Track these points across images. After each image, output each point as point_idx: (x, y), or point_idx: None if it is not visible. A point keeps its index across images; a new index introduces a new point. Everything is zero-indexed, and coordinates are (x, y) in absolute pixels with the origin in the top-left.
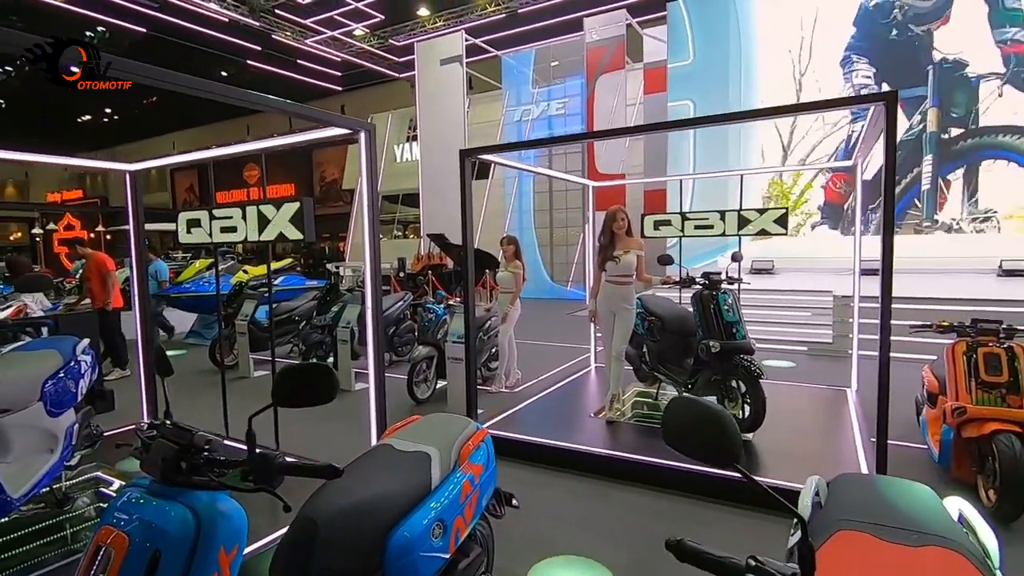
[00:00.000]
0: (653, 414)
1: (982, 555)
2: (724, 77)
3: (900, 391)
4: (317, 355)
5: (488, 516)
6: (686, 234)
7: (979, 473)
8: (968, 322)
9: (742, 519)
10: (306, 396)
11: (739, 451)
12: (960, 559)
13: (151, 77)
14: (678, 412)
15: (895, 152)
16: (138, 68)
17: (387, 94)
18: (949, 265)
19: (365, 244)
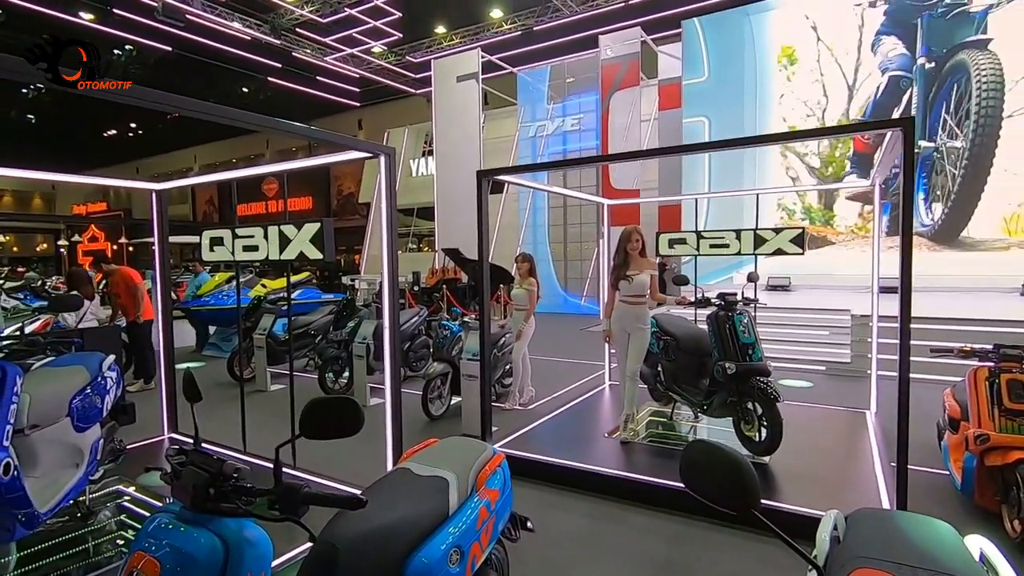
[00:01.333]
0: (668, 434)
1: None
2: (739, 94)
3: (922, 414)
4: (333, 370)
5: (504, 540)
6: (701, 253)
7: (1003, 503)
8: (991, 346)
9: (756, 545)
10: (332, 429)
11: (757, 498)
12: None
13: (176, 106)
14: (697, 456)
15: (914, 176)
16: (161, 97)
17: (404, 109)
18: (971, 283)
19: (384, 267)
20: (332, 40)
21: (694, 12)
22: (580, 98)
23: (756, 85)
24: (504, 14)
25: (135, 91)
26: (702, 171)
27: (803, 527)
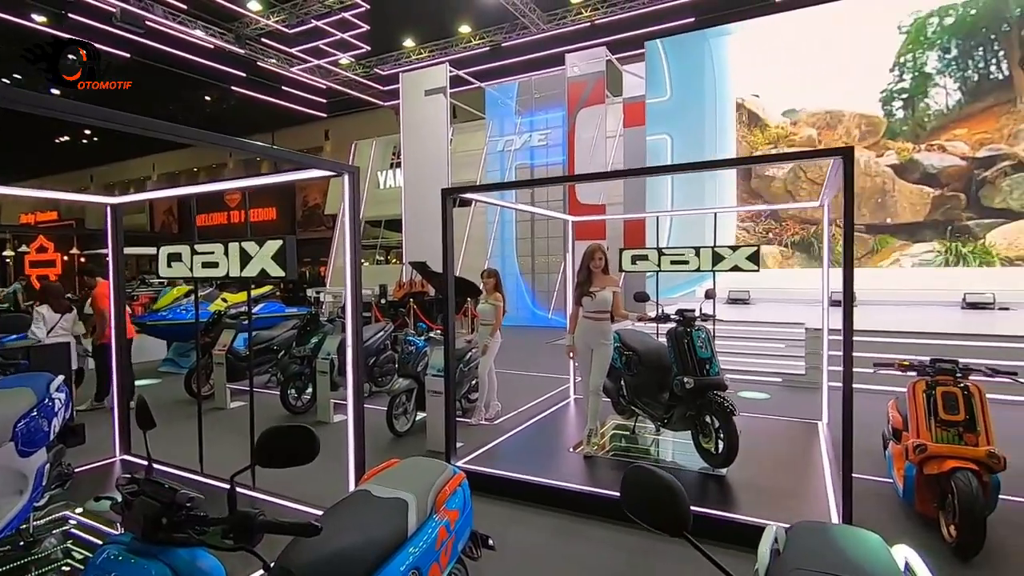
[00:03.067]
0: (631, 448)
1: None
2: (700, 114)
3: (870, 424)
4: (296, 386)
5: (464, 559)
6: (662, 269)
7: (940, 509)
8: (928, 361)
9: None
10: (287, 457)
11: (688, 520)
12: None
13: (123, 124)
14: (635, 480)
15: (853, 201)
16: (108, 115)
17: (371, 121)
18: (918, 297)
19: (346, 286)
20: (298, 51)
21: (657, 34)
22: (547, 114)
23: (715, 106)
24: (472, 30)
25: (72, 107)
26: (665, 188)
27: (755, 537)
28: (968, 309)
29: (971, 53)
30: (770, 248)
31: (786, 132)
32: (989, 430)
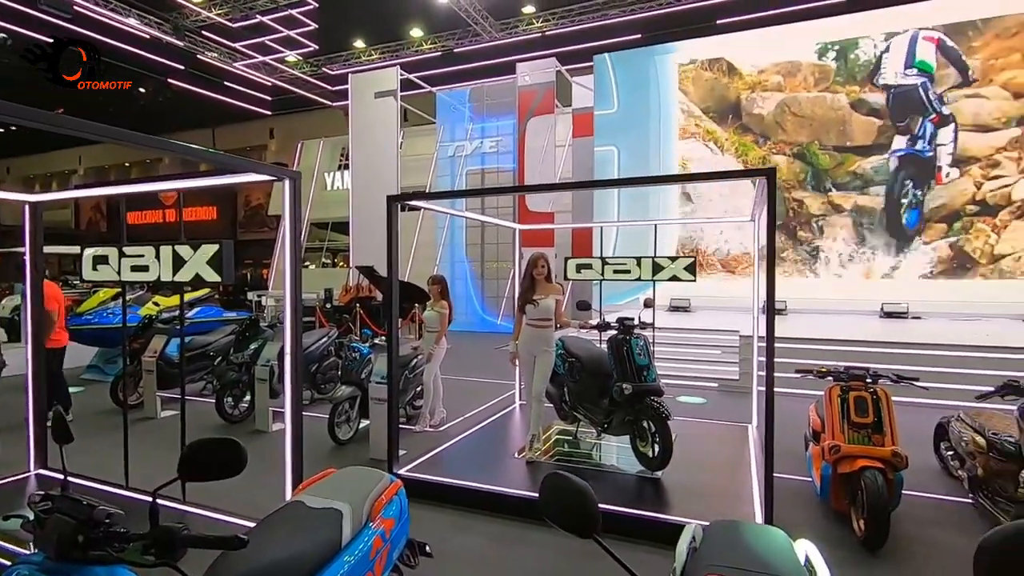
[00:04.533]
0: (573, 453)
1: None
2: (645, 127)
3: (795, 426)
4: (233, 394)
5: (401, 567)
6: (605, 278)
7: (852, 505)
8: (843, 367)
9: (655, 557)
10: (214, 470)
11: (596, 523)
12: None
13: (33, 120)
14: (550, 487)
15: (775, 218)
16: (17, 111)
17: (319, 120)
18: (841, 307)
19: (286, 294)
20: (242, 46)
21: (605, 48)
22: (498, 121)
23: (660, 121)
24: (424, 34)
25: None
26: (612, 198)
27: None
28: (885, 318)
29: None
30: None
31: (759, 79)
32: (894, 431)
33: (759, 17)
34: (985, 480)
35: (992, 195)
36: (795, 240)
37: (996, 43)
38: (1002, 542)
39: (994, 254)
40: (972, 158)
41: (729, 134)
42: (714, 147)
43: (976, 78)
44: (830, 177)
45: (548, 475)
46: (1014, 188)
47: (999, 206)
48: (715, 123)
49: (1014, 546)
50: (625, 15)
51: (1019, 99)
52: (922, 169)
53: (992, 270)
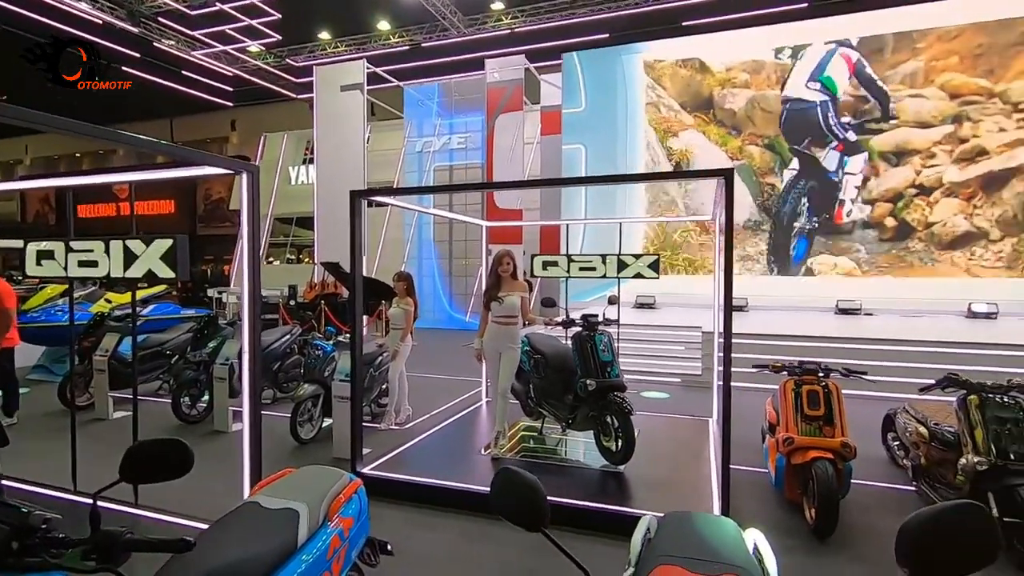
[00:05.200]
0: (538, 449)
1: None
2: (612, 126)
3: (753, 420)
4: (190, 393)
5: (362, 567)
6: (571, 275)
7: (804, 495)
8: (797, 362)
9: (614, 549)
10: (158, 472)
11: (545, 517)
12: None
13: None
14: (501, 482)
15: (732, 217)
16: None
17: (284, 113)
18: (799, 303)
19: (244, 288)
20: (201, 34)
21: (573, 47)
22: (467, 117)
23: (626, 120)
24: (392, 27)
25: None
26: (580, 195)
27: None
28: (840, 314)
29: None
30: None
31: (728, 77)
32: (844, 423)
33: (723, 20)
34: (927, 469)
35: (928, 179)
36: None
37: (938, 45)
38: (921, 524)
39: (928, 222)
40: (914, 151)
41: (710, 128)
42: (706, 139)
43: (895, 115)
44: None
45: (499, 470)
46: (944, 173)
47: (932, 187)
48: (690, 116)
49: (932, 528)
50: (593, 14)
51: (954, 99)
52: (824, 197)
53: (933, 262)
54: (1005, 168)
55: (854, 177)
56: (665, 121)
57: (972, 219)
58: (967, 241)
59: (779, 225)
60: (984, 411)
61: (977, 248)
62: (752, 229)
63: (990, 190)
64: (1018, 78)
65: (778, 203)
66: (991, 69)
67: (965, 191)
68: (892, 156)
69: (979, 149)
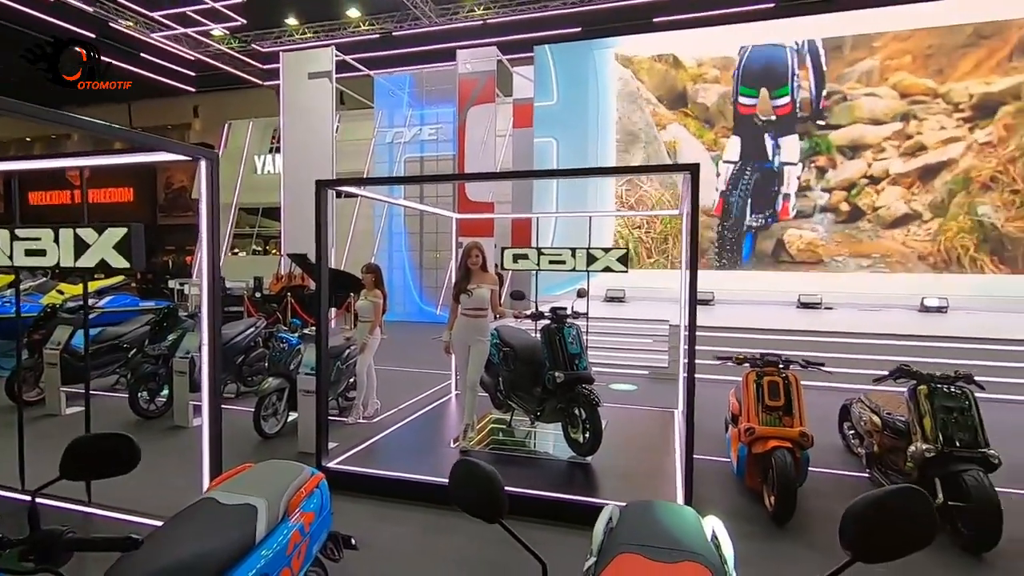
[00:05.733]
0: (507, 441)
1: (720, 565)
2: (584, 120)
3: (717, 411)
4: (149, 388)
5: (325, 561)
6: (541, 268)
7: (764, 483)
8: (759, 354)
9: (577, 538)
10: (102, 468)
11: (503, 508)
12: (703, 570)
13: None
14: (461, 472)
15: (698, 211)
16: None
17: (249, 100)
18: (763, 298)
19: (203, 278)
20: (161, 15)
21: (546, 40)
22: (438, 108)
23: (598, 114)
24: (362, 15)
25: None
26: (551, 189)
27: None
28: (801, 308)
29: None
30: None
31: (699, 72)
32: (802, 413)
33: (693, 18)
34: (880, 456)
35: (876, 171)
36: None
37: (893, 44)
38: (864, 509)
39: (875, 206)
40: (867, 145)
41: (689, 120)
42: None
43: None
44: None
45: (457, 462)
46: (891, 165)
47: (880, 178)
48: (669, 111)
49: (874, 513)
50: (566, 7)
51: (904, 98)
52: (766, 190)
53: (885, 252)
54: (938, 161)
55: (794, 167)
56: (655, 115)
57: (910, 204)
58: (905, 221)
59: (728, 218)
60: (932, 400)
61: (912, 227)
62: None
63: (925, 180)
64: (963, 79)
65: (728, 196)
66: (940, 69)
67: (906, 180)
68: (848, 150)
69: (919, 145)
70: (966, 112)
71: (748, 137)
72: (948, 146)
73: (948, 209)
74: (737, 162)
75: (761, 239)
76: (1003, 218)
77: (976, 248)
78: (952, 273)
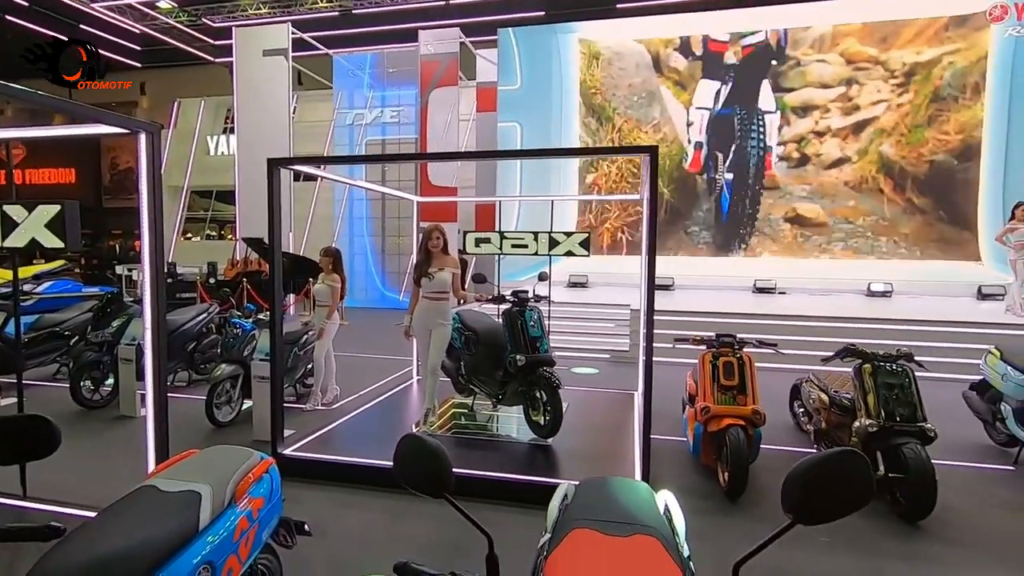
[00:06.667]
0: (469, 425)
1: (672, 537)
2: (547, 105)
3: (674, 393)
4: (92, 376)
5: (278, 548)
6: (504, 252)
7: (718, 460)
8: (714, 335)
9: (535, 517)
10: (18, 452)
11: (449, 483)
12: (655, 543)
13: None
14: (406, 448)
15: (656, 192)
16: None
17: (201, 78)
18: (721, 283)
19: (144, 259)
20: None
21: (509, 22)
22: (400, 90)
23: (561, 99)
24: None
25: None
26: (515, 173)
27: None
28: (757, 293)
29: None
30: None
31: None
32: (755, 392)
33: (656, 4)
34: (827, 432)
35: (821, 127)
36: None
37: (844, 12)
38: (804, 472)
39: (818, 153)
40: (815, 107)
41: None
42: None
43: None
44: None
45: (402, 438)
46: (832, 122)
47: (823, 132)
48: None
49: (814, 475)
50: None
51: (849, 65)
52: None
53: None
54: (867, 118)
55: (773, 116)
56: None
57: (843, 150)
58: (839, 163)
59: (707, 172)
60: (876, 378)
61: (845, 167)
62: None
63: (856, 132)
64: (903, 47)
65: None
66: (884, 37)
67: (843, 133)
68: (800, 111)
69: (856, 106)
70: (899, 79)
71: (722, 80)
72: (876, 106)
73: (867, 152)
74: (710, 108)
75: (737, 198)
76: (895, 154)
77: (876, 172)
78: (898, 259)
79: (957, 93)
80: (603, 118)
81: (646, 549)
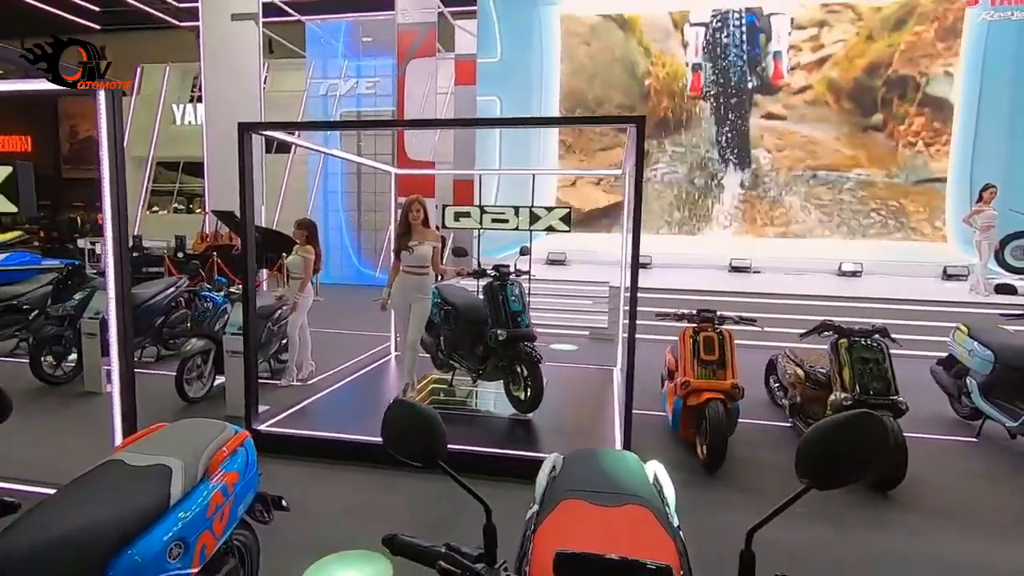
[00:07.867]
0: (448, 400)
1: (662, 506)
2: (527, 78)
3: (654, 369)
4: (53, 351)
5: (253, 523)
6: (484, 227)
7: (697, 433)
8: (695, 311)
9: (521, 491)
10: None
11: (442, 451)
12: (646, 512)
13: None
14: (395, 415)
15: (643, 164)
16: None
17: (166, 42)
18: (699, 262)
19: (106, 227)
20: None
21: None
22: (376, 61)
23: (541, 73)
24: None
25: None
26: (494, 147)
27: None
28: (733, 272)
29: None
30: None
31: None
32: (735, 367)
33: None
34: (802, 406)
35: (793, 62)
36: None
37: None
38: (822, 435)
39: (788, 83)
40: (790, 47)
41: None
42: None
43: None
44: None
45: (391, 404)
46: (802, 58)
47: (795, 67)
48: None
49: (833, 437)
50: None
51: (823, 8)
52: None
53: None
54: (828, 55)
55: (782, 17)
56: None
57: (808, 80)
58: (802, 92)
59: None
60: (852, 352)
61: (808, 92)
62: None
63: (819, 65)
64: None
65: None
66: None
67: (809, 66)
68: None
69: (821, 45)
70: (865, 23)
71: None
72: (836, 45)
73: (825, 81)
74: (708, 23)
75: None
76: (840, 80)
77: (826, 92)
78: (867, 239)
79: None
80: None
81: (637, 518)
